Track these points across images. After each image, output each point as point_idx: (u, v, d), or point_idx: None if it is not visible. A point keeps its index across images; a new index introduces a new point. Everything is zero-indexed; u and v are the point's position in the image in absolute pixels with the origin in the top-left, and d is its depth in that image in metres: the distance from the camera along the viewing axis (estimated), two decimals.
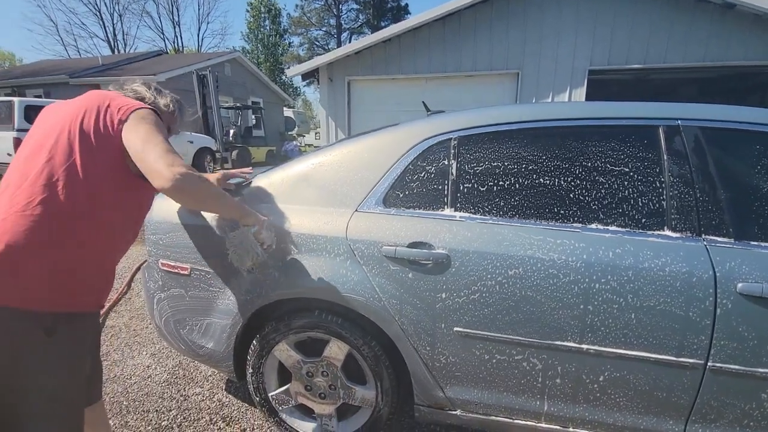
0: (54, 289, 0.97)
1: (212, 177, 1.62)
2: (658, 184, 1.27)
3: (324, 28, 31.97)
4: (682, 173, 1.26)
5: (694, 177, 1.25)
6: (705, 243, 1.21)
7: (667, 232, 1.24)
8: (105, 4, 31.18)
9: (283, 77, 31.66)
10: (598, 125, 1.35)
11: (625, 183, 1.29)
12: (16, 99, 7.33)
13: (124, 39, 30.76)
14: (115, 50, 29.02)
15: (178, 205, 1.58)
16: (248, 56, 25.41)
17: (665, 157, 1.28)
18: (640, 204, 1.27)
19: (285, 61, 32.54)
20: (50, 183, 0.98)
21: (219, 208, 1.26)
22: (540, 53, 6.42)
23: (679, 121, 1.31)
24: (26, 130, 7.23)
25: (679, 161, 1.27)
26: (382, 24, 27.14)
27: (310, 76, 8.37)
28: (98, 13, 29.16)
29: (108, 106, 1.08)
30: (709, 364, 1.19)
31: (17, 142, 7.03)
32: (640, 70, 6.29)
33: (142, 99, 1.23)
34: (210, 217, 1.52)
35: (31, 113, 7.31)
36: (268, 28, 31.94)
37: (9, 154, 7.15)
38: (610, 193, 1.29)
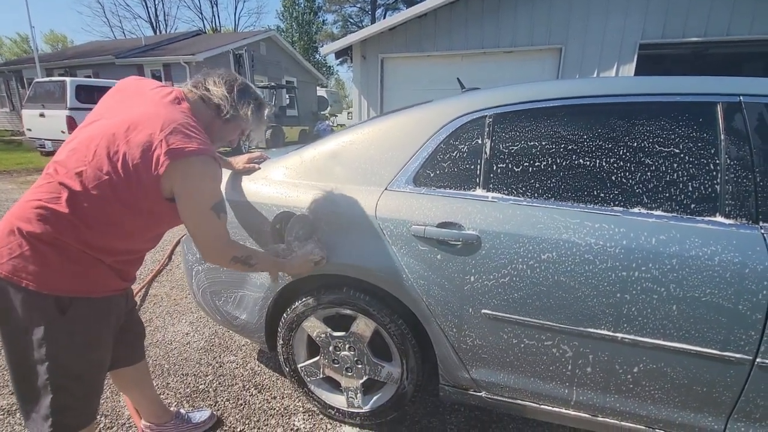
0: (68, 278, 1.00)
1: (240, 161, 1.65)
2: (711, 167, 1.17)
3: (358, 5, 31.37)
4: (740, 155, 1.15)
5: (754, 159, 1.14)
6: (762, 231, 1.11)
7: (720, 219, 1.15)
8: None
9: (317, 56, 31.61)
10: (647, 101, 1.25)
11: (674, 165, 1.20)
12: (68, 79, 7.75)
13: (165, 19, 31.73)
14: (157, 30, 29.92)
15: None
16: (283, 35, 25.48)
17: (722, 137, 1.17)
18: (690, 188, 1.18)
19: (319, 39, 32.39)
20: (77, 192, 0.98)
21: (267, 270, 1.36)
22: (586, 26, 6.00)
23: (741, 98, 1.19)
24: (78, 109, 7.67)
25: (738, 142, 1.16)
26: None
27: (344, 54, 8.27)
28: None
29: (159, 144, 0.98)
30: (758, 360, 1.11)
31: (70, 121, 7.46)
32: (699, 43, 5.75)
33: (217, 107, 1.15)
34: (250, 198, 1.55)
35: (81, 92, 7.72)
36: (302, 5, 31.79)
37: (63, 131, 7.61)
38: (657, 176, 1.21)
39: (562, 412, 1.38)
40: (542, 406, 1.40)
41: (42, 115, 7.88)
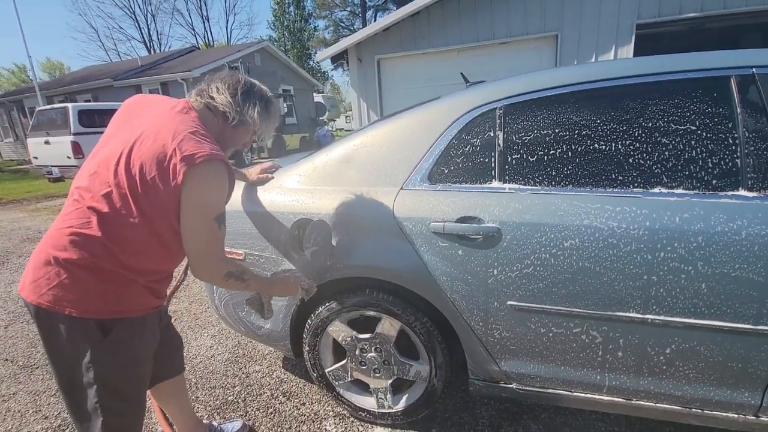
0: (108, 301, 1.02)
1: (253, 172, 1.66)
2: (731, 141, 1.16)
3: (348, 8, 31.48)
4: (759, 126, 1.14)
5: None
6: None
7: (743, 192, 1.14)
8: (138, 5, 32.26)
9: (311, 62, 31.68)
10: (659, 80, 1.24)
11: (692, 142, 1.19)
12: (70, 105, 7.83)
13: (159, 38, 31.94)
14: (151, 50, 30.17)
15: (232, 194, 1.64)
16: (275, 44, 25.57)
17: (738, 110, 1.16)
18: (711, 164, 1.17)
19: (311, 45, 32.49)
20: (106, 214, 0.98)
21: (259, 290, 1.34)
22: (581, 11, 5.96)
23: (754, 69, 1.18)
24: (82, 134, 7.73)
25: (755, 113, 1.15)
26: None
27: (339, 58, 8.30)
28: (133, 15, 30.36)
29: (173, 153, 0.97)
30: None
31: (75, 146, 7.55)
32: (696, 18, 5.70)
33: (223, 114, 1.13)
34: (266, 208, 1.57)
35: (83, 117, 7.81)
36: (293, 13, 31.89)
37: (68, 157, 7.70)
38: (675, 154, 1.20)
39: (596, 398, 1.38)
40: (575, 394, 1.39)
41: (47, 142, 7.98)
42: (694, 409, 1.29)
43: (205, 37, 32.98)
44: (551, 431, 1.60)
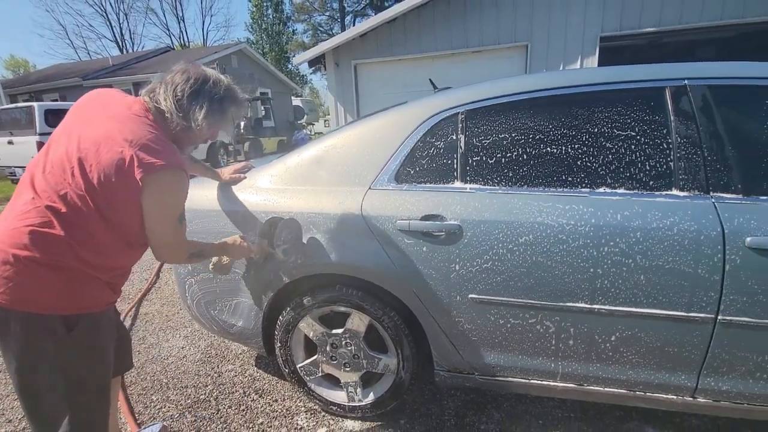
0: (73, 297, 1.03)
1: (226, 172, 1.70)
2: (665, 146, 1.29)
3: (327, 13, 31.53)
4: (689, 133, 1.27)
5: (701, 136, 1.26)
6: (713, 200, 1.23)
7: (675, 192, 1.26)
8: (110, 4, 31.41)
9: (289, 66, 31.52)
10: (604, 90, 1.36)
11: (632, 146, 1.31)
12: (36, 104, 7.54)
13: (131, 38, 31.09)
14: (124, 50, 29.33)
15: (204, 193, 1.67)
16: (253, 47, 25.33)
17: (672, 118, 1.29)
18: (648, 166, 1.29)
19: (290, 49, 32.32)
20: (65, 214, 0.99)
21: (216, 255, 1.40)
22: (549, 22, 6.25)
23: (686, 81, 1.31)
24: (48, 134, 7.47)
25: (686, 121, 1.28)
26: (386, 4, 26.59)
27: (317, 62, 8.33)
28: (104, 14, 29.53)
29: (130, 161, 0.98)
30: (719, 318, 1.23)
31: (40, 146, 7.26)
32: (655, 33, 6.07)
33: (162, 125, 1.10)
34: (239, 207, 1.60)
35: (50, 117, 7.54)
36: (271, 16, 31.68)
37: (33, 157, 7.39)
38: (618, 157, 1.32)
39: (551, 385, 1.47)
40: (532, 381, 1.49)
41: (10, 142, 7.65)
42: (638, 392, 1.40)
43: (180, 37, 32.38)
44: (513, 418, 1.69)
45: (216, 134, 1.25)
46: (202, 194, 1.67)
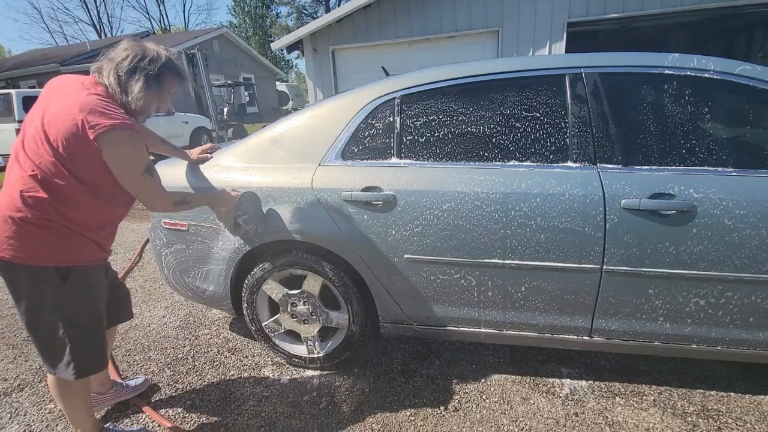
0: (63, 251, 1.25)
1: (194, 152, 1.89)
2: (563, 125, 1.52)
3: None
4: (581, 114, 1.51)
5: (591, 117, 1.50)
6: (598, 170, 1.47)
7: (569, 164, 1.50)
8: None
9: (274, 50, 31.03)
10: (515, 77, 1.58)
11: (537, 126, 1.54)
12: (13, 91, 7.50)
13: (110, 22, 30.38)
14: (102, 34, 28.57)
15: (174, 172, 1.86)
16: (236, 31, 24.91)
17: (569, 101, 1.52)
18: (549, 142, 1.53)
19: (274, 33, 31.81)
20: (44, 179, 1.17)
21: (203, 204, 1.60)
22: (518, 8, 6.42)
23: (582, 69, 1.54)
24: None
25: (580, 104, 1.51)
26: None
27: (295, 47, 8.39)
28: None
29: (81, 125, 1.13)
30: (604, 267, 1.48)
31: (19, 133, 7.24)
32: (620, 19, 6.29)
33: (113, 97, 1.24)
34: (205, 184, 1.80)
35: (28, 103, 7.50)
36: None
37: None
38: (525, 135, 1.55)
39: (477, 331, 1.73)
40: (461, 329, 1.75)
41: None
42: (546, 335, 1.67)
43: (160, 21, 31.67)
44: (451, 365, 1.96)
45: (164, 106, 1.38)
46: (172, 173, 1.87)
